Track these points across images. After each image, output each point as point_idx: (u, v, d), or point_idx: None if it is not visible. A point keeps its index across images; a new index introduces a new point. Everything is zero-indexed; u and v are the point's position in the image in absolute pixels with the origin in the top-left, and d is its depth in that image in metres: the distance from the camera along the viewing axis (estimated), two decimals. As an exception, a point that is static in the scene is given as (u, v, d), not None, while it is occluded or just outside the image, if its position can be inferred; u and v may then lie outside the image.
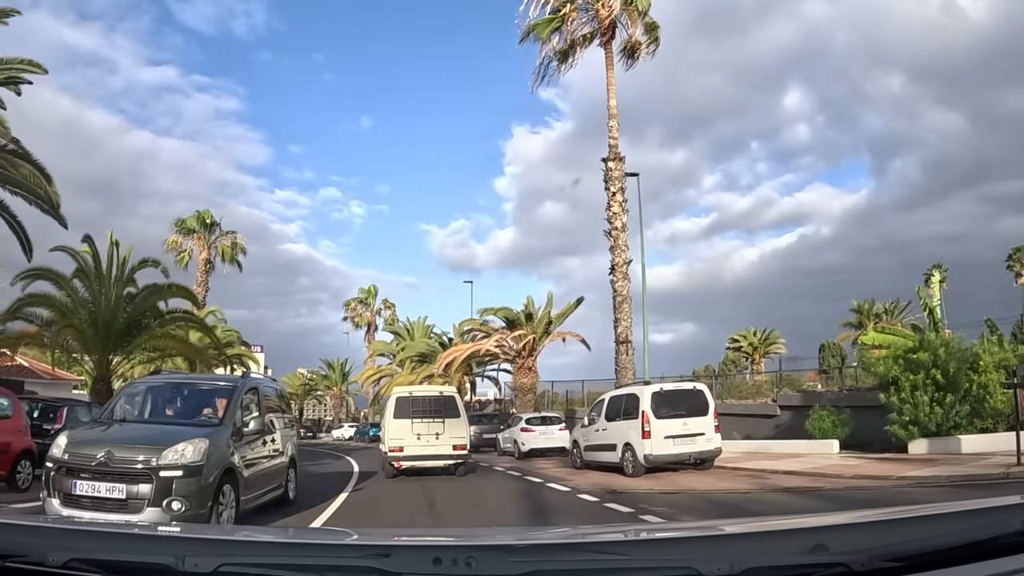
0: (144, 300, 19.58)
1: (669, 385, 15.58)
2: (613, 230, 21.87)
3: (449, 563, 1.38)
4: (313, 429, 64.13)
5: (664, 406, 14.58)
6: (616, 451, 15.04)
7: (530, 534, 2.53)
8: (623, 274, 21.70)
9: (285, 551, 1.62)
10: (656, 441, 14.24)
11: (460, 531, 4.48)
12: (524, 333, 28.87)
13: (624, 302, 21.61)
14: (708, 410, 14.91)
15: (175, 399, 8.94)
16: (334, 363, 63.51)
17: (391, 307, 55.72)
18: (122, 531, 1.91)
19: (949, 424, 15.40)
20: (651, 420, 14.31)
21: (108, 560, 1.46)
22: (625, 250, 21.75)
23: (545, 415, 23.88)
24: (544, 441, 22.26)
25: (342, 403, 65.00)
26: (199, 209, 42.04)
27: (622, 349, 21.36)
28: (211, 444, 7.36)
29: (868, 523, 1.68)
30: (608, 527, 4.70)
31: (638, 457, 14.28)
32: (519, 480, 14.78)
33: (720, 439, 15.11)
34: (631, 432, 14.60)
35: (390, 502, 11.61)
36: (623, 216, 21.81)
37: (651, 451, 14.18)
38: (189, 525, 5.29)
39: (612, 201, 21.91)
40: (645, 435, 14.25)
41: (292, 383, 71.19)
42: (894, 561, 1.38)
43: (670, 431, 14.38)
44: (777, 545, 1.54)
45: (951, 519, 1.64)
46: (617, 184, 21.93)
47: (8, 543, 1.50)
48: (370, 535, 2.22)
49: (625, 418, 15.01)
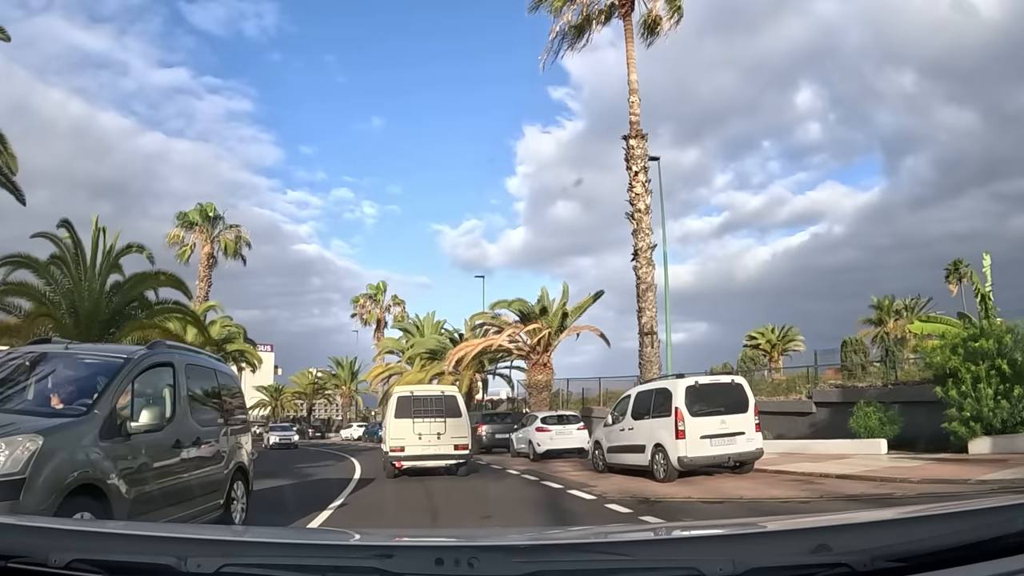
0: (130, 289, 18.13)
1: (705, 378, 13.89)
2: (636, 212, 20.09)
3: (452, 563, 1.37)
4: (322, 429, 62.99)
5: (700, 402, 12.93)
6: (645, 453, 13.39)
7: (532, 534, 2.45)
8: (647, 259, 19.95)
9: (287, 551, 1.57)
10: (691, 441, 12.60)
11: (462, 531, 4.34)
12: (539, 327, 27.17)
13: (648, 290, 19.83)
14: (748, 406, 13.28)
15: (45, 377, 6.05)
16: (343, 361, 62.04)
17: (401, 303, 54.16)
18: (124, 531, 1.87)
19: (1016, 420, 13.67)
20: (686, 418, 12.66)
21: (110, 560, 1.45)
22: (649, 233, 19.98)
23: (562, 413, 22.22)
24: (561, 442, 20.64)
25: (351, 402, 63.53)
26: (201, 202, 40.65)
27: (646, 341, 19.60)
28: (50, 445, 4.72)
29: (871, 523, 1.69)
30: (611, 527, 4.81)
31: (671, 459, 12.64)
32: (536, 486, 13.18)
33: (761, 439, 13.46)
34: (662, 431, 12.97)
35: (386, 517, 10.06)
36: (646, 197, 20.06)
37: (686, 453, 12.53)
38: (191, 525, 4.94)
39: (634, 181, 20.15)
40: (679, 435, 12.60)
41: (300, 382, 70.20)
42: (897, 561, 1.37)
43: (707, 430, 12.74)
44: (780, 545, 1.55)
45: (954, 519, 1.63)
46: (639, 163, 20.19)
47: (11, 544, 1.51)
48: (372, 535, 2.18)
49: (655, 416, 13.37)
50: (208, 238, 39.98)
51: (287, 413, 73.82)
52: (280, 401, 75.23)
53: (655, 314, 19.85)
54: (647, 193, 20.13)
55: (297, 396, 72.68)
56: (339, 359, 62.59)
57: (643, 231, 19.94)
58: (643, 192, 20.07)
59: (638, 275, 20.04)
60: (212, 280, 39.66)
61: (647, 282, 19.88)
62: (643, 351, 19.88)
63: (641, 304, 19.92)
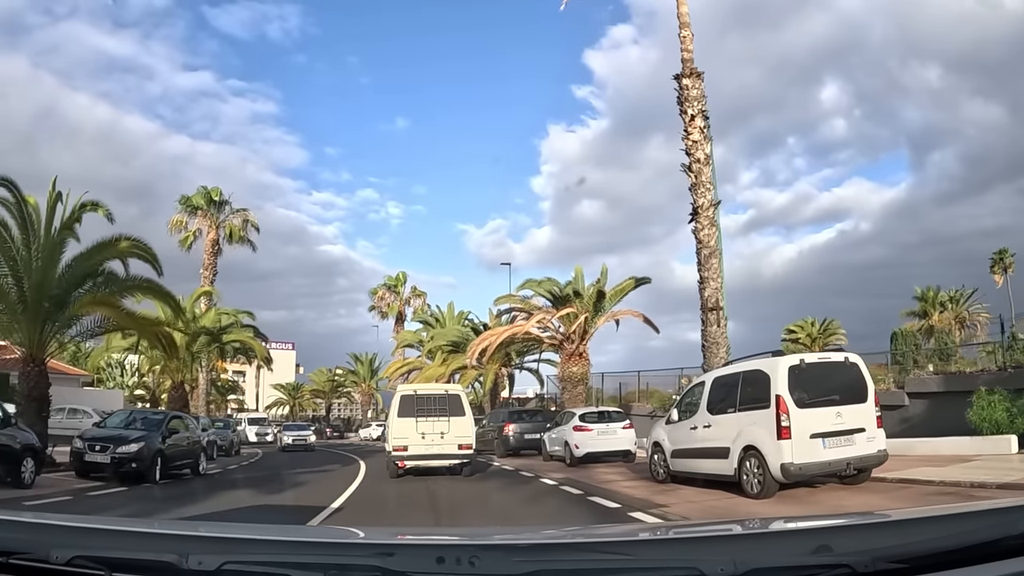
0: (86, 259, 15.14)
1: (812, 356, 10.29)
2: (694, 163, 16.46)
3: (453, 562, 1.37)
4: (341, 429, 60.09)
5: (807, 389, 9.47)
6: (729, 458, 9.91)
7: (534, 533, 2.34)
8: (710, 219, 16.33)
9: (289, 549, 1.58)
10: (799, 442, 9.12)
11: (464, 530, 4.16)
12: (574, 311, 23.67)
13: (712, 256, 16.16)
14: (868, 394, 9.83)
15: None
16: (362, 357, 58.88)
17: (421, 295, 50.62)
18: (126, 528, 1.81)
19: None
20: (791, 410, 9.18)
21: (112, 557, 1.45)
22: (711, 188, 16.32)
23: (604, 410, 18.75)
24: (604, 443, 17.23)
25: (371, 400, 60.48)
26: (206, 185, 37.82)
27: (711, 318, 15.95)
28: None
29: (872, 524, 1.69)
30: (612, 527, 5.05)
31: (769, 467, 9.16)
32: (583, 505, 9.79)
33: (884, 437, 9.95)
34: (756, 430, 9.51)
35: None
36: (705, 145, 16.45)
37: (792, 458, 9.05)
38: (193, 523, 5.04)
39: (690, 127, 16.54)
40: (783, 433, 9.12)
41: (318, 380, 67.53)
42: (898, 563, 1.36)
43: (818, 426, 9.28)
44: (781, 546, 1.55)
45: (955, 521, 1.61)
46: (696, 105, 16.59)
47: (13, 540, 1.52)
48: (374, 534, 2.16)
49: (744, 408, 9.91)
50: (213, 224, 37.09)
51: (306, 412, 71.32)
52: (298, 400, 72.75)
53: (721, 285, 16.27)
54: (706, 140, 16.50)
55: (315, 394, 70.09)
56: (358, 355, 59.37)
57: (703, 185, 16.27)
58: (701, 139, 16.44)
59: (699, 238, 16.36)
60: (217, 268, 36.79)
61: (710, 246, 16.17)
62: (707, 331, 16.21)
63: (703, 273, 16.26)
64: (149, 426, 14.21)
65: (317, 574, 1.40)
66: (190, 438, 15.48)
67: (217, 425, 27.84)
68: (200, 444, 15.98)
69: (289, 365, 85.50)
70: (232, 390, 66.74)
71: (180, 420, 15.70)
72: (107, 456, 12.83)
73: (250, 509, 9.61)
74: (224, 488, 13.35)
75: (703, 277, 16.26)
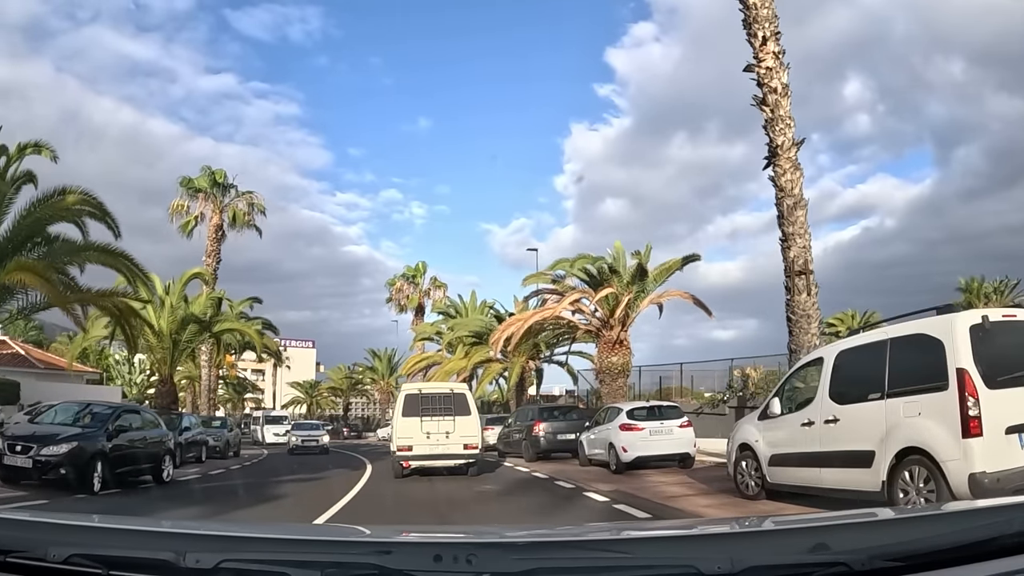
0: (26, 216, 12.42)
1: (997, 313, 6.95)
2: (769, 94, 13.02)
3: (450, 560, 1.35)
4: (359, 428, 57.43)
5: (995, 360, 6.27)
6: (874, 466, 6.74)
7: (531, 531, 2.29)
8: (792, 162, 12.93)
9: (287, 547, 1.55)
10: (991, 441, 5.95)
11: (462, 528, 4.16)
12: (615, 292, 20.48)
13: (798, 207, 12.71)
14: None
15: None
16: (380, 353, 56.01)
17: (442, 287, 47.44)
18: (123, 526, 1.77)
19: None
20: (980, 393, 6.00)
21: (109, 556, 1.42)
22: (791, 125, 12.89)
23: (656, 404, 15.52)
24: (658, 445, 14.09)
25: (390, 397, 57.77)
26: (210, 166, 35.21)
27: (799, 285, 12.49)
28: None
29: (869, 523, 1.67)
30: (609, 525, 5.25)
31: (950, 480, 6.02)
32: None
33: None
34: (921, 423, 6.37)
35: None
36: (782, 73, 13.10)
37: (984, 465, 5.89)
38: (191, 521, 4.92)
39: (762, 52, 13.22)
40: (971, 428, 5.96)
41: (335, 377, 64.98)
42: (895, 561, 1.33)
43: (1017, 415, 6.08)
44: (777, 544, 1.52)
45: (952, 519, 1.62)
46: (767, 26, 13.27)
47: (9, 538, 1.49)
48: (372, 532, 2.01)
49: (898, 392, 6.72)
50: (217, 207, 34.46)
51: (323, 411, 68.92)
52: (315, 398, 70.31)
53: (808, 244, 12.91)
54: (782, 68, 13.16)
55: (333, 392, 67.54)
56: (376, 351, 56.48)
57: (781, 120, 12.78)
58: (776, 66, 13.08)
59: (779, 184, 12.91)
60: (220, 255, 34.20)
61: (795, 195, 12.75)
62: (793, 300, 12.75)
63: (787, 228, 12.80)
64: (94, 422, 11.46)
65: (315, 572, 1.36)
66: (150, 438, 12.72)
67: (214, 424, 25.45)
68: (165, 445, 13.21)
69: (309, 363, 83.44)
70: (248, 388, 64.63)
71: (136, 415, 12.98)
72: (28, 459, 10.08)
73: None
74: (179, 502, 10.51)
75: (786, 233, 12.88)
